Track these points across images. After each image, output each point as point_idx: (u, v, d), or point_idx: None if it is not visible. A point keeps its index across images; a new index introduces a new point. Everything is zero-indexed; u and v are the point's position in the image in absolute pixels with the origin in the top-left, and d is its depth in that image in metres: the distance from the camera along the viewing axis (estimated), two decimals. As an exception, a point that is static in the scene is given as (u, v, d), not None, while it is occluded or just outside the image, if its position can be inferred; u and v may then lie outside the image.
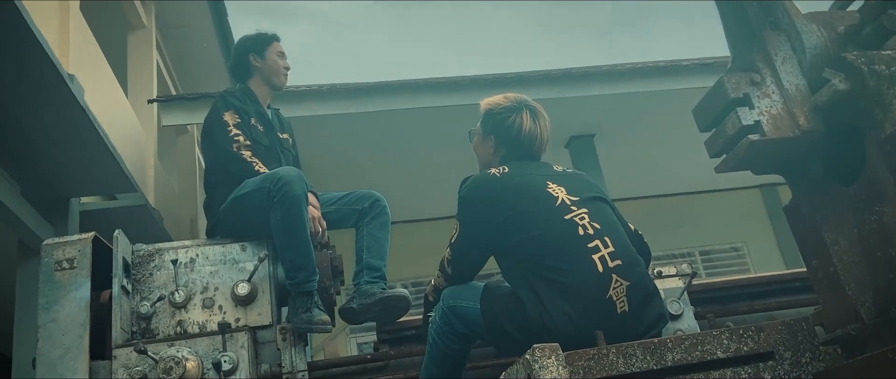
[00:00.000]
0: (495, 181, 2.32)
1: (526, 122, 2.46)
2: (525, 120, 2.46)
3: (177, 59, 8.00)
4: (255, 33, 3.37)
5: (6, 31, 3.13)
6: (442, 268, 2.44)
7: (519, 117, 2.46)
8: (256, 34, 3.36)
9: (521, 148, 2.46)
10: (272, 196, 2.61)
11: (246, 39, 3.37)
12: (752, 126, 1.66)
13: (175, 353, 2.25)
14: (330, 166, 6.96)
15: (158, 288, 2.53)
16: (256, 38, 3.35)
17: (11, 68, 3.38)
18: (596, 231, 2.16)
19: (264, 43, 3.32)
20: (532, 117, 2.48)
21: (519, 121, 2.45)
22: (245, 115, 3.09)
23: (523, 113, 2.47)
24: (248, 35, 3.38)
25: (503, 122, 2.47)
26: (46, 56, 3.34)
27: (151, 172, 6.20)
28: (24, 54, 3.29)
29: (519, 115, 2.46)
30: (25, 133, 3.88)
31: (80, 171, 4.36)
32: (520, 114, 2.47)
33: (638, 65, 7.11)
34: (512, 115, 2.47)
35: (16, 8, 3.00)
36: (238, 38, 3.43)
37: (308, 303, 2.54)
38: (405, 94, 6.32)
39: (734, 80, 1.70)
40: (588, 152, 7.41)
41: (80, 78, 4.51)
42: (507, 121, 2.47)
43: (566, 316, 2.01)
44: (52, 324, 2.26)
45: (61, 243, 2.38)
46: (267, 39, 3.33)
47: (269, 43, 3.33)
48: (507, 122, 2.47)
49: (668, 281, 2.76)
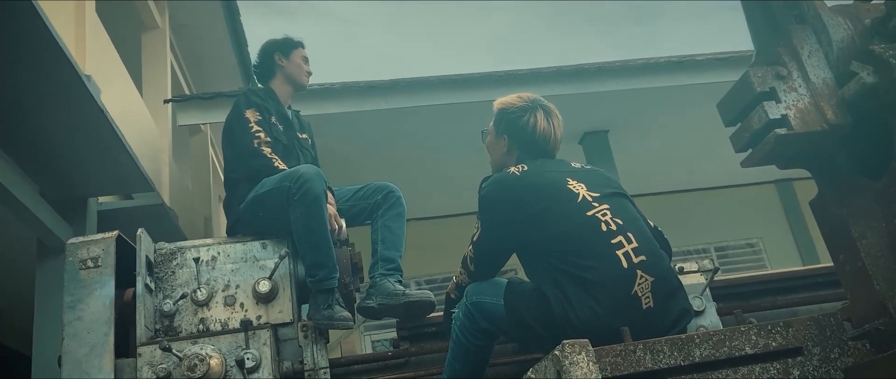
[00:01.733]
0: (515, 180, 2.32)
1: (540, 121, 2.46)
2: (539, 119, 2.47)
3: (190, 58, 8.03)
4: (282, 37, 3.48)
5: (25, 34, 3.15)
6: (464, 265, 2.44)
7: (533, 117, 2.47)
8: (284, 38, 3.47)
9: (536, 147, 2.46)
10: (292, 194, 2.63)
11: (273, 41, 3.47)
12: (778, 120, 1.64)
13: (198, 350, 2.26)
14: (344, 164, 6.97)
15: (181, 286, 2.55)
16: (283, 40, 3.46)
17: (30, 70, 3.40)
18: (618, 227, 2.15)
19: (291, 46, 3.43)
20: (546, 117, 2.48)
21: (533, 120, 2.46)
22: (266, 114, 3.14)
23: (537, 112, 2.48)
24: (276, 38, 3.48)
25: (517, 122, 2.48)
26: (64, 57, 3.36)
27: (166, 172, 6.23)
28: (42, 56, 3.31)
29: (533, 114, 2.47)
30: (43, 134, 3.90)
31: (98, 170, 4.39)
32: (534, 113, 2.47)
33: (651, 60, 7.08)
34: (526, 115, 2.47)
35: (34, 10, 3.01)
36: (265, 41, 3.52)
37: (329, 300, 2.54)
38: (419, 91, 6.32)
39: (760, 74, 1.69)
40: (602, 148, 7.39)
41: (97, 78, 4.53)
42: (520, 120, 2.47)
43: (591, 311, 2.01)
44: (77, 322, 2.28)
45: (86, 242, 2.39)
46: (293, 44, 3.45)
47: (295, 47, 3.44)
48: (521, 121, 2.47)
49: (689, 277, 2.74)
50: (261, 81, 3.44)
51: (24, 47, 3.25)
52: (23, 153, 3.99)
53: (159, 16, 6.94)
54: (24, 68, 3.39)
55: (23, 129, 3.83)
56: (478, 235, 2.37)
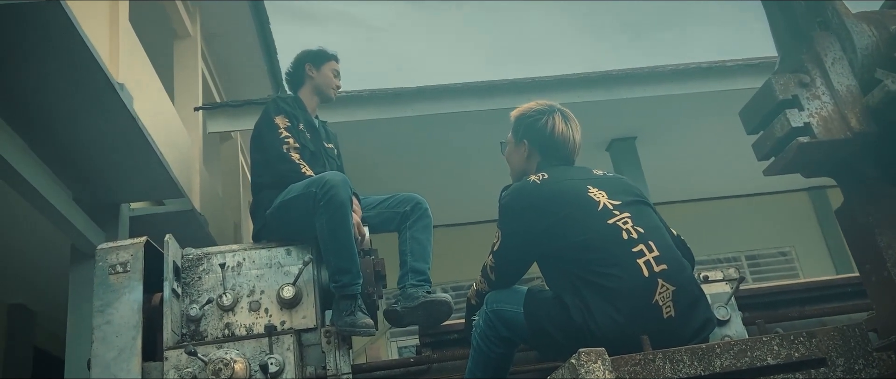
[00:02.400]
0: (536, 188, 2.32)
1: (558, 123, 2.48)
2: (557, 122, 2.49)
3: (220, 66, 8.16)
4: (317, 48, 3.53)
5: (60, 43, 3.23)
6: (484, 274, 2.45)
7: (551, 119, 2.49)
8: (318, 49, 3.53)
9: (556, 150, 2.47)
10: (318, 200, 2.66)
11: (307, 51, 3.53)
12: (801, 128, 1.63)
13: (223, 354, 2.29)
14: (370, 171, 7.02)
15: (207, 291, 2.59)
16: (317, 51, 3.52)
17: (65, 80, 3.49)
18: (640, 235, 2.14)
19: (323, 58, 3.49)
20: (564, 120, 2.50)
21: (551, 122, 2.48)
22: (295, 121, 3.20)
23: (555, 115, 2.50)
24: (311, 48, 3.54)
25: (535, 124, 2.50)
26: (97, 67, 3.44)
27: (197, 178, 6.33)
28: (76, 66, 3.40)
29: (550, 117, 2.50)
30: (78, 141, 4.00)
31: (130, 177, 4.48)
32: (551, 116, 2.50)
33: (680, 66, 7.01)
34: (544, 117, 2.50)
35: (69, 21, 3.09)
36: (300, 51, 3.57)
37: (352, 306, 2.57)
38: (445, 98, 6.34)
39: (782, 82, 1.68)
40: (629, 155, 7.34)
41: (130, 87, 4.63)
42: (539, 123, 2.49)
43: (611, 320, 2.00)
44: (106, 326, 2.33)
45: (115, 248, 2.45)
46: (327, 56, 3.50)
47: (327, 60, 3.49)
48: (539, 123, 2.49)
49: (714, 286, 2.72)
50: (291, 89, 3.51)
51: (59, 58, 3.34)
52: (58, 160, 4.09)
53: (191, 24, 7.06)
54: (59, 78, 3.48)
55: (58, 137, 3.92)
56: (498, 244, 2.38)
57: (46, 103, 3.64)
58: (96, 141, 4.04)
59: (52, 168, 4.08)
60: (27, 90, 3.51)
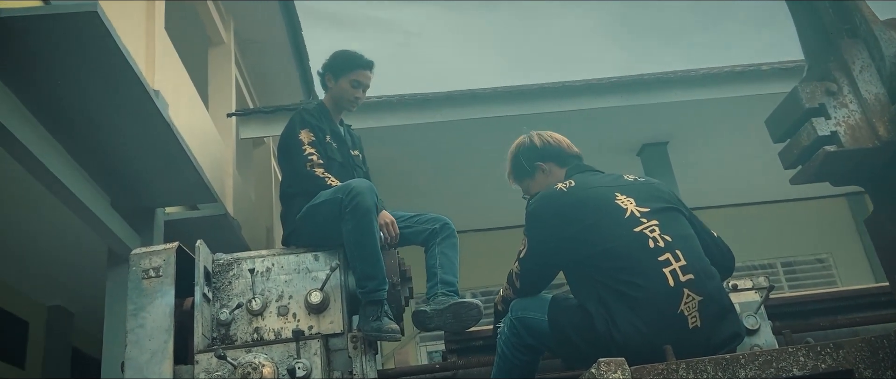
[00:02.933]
0: (562, 196, 2.33)
1: (537, 137, 2.65)
2: (535, 136, 2.66)
3: (254, 73, 8.28)
4: (346, 53, 3.40)
5: (97, 52, 3.31)
6: (510, 281, 2.46)
7: (528, 139, 2.68)
8: (346, 56, 3.39)
9: (561, 151, 2.59)
10: (344, 207, 2.69)
11: (334, 56, 3.41)
12: (828, 137, 1.61)
13: (252, 359, 2.33)
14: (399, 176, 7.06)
15: (237, 296, 2.63)
16: (344, 59, 3.39)
17: (102, 87, 3.57)
18: (667, 244, 2.12)
19: (346, 67, 3.36)
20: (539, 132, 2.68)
21: (529, 140, 2.67)
22: (320, 133, 3.19)
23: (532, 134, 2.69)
24: (340, 53, 3.41)
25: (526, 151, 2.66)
26: (134, 74, 3.51)
27: (230, 183, 6.43)
28: (113, 73, 3.48)
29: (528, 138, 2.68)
30: (115, 147, 4.09)
31: (165, 182, 4.56)
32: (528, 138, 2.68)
33: (713, 69, 6.93)
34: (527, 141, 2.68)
35: (106, 30, 3.17)
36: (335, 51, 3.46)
37: (378, 312, 2.60)
38: (474, 104, 6.36)
39: (809, 90, 1.66)
40: (661, 160, 7.27)
41: (165, 94, 4.73)
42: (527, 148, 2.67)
43: (635, 329, 1.99)
44: (139, 329, 2.38)
45: (148, 253, 2.51)
46: (350, 65, 3.36)
47: (350, 69, 3.35)
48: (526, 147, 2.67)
49: (743, 294, 2.69)
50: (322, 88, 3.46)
51: (96, 66, 3.42)
52: (96, 166, 4.18)
53: (225, 32, 7.19)
54: (97, 86, 3.57)
55: (96, 144, 4.02)
56: (524, 251, 2.38)
57: (85, 111, 3.73)
58: (132, 147, 4.12)
59: (91, 174, 4.18)
60: (67, 98, 3.60)
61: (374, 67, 3.42)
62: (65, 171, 3.79)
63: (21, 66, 3.30)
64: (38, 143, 3.54)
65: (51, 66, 3.37)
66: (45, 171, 3.62)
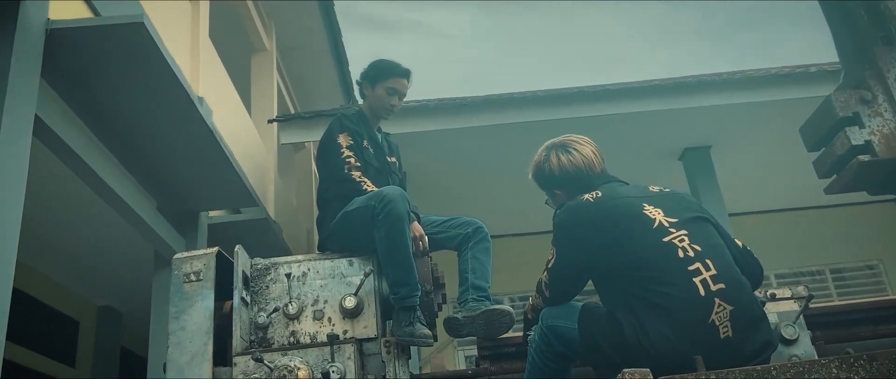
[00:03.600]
0: (589, 206, 2.32)
1: (555, 160, 2.54)
2: (554, 159, 2.55)
3: (294, 78, 8.42)
4: (383, 62, 3.46)
5: (144, 62, 3.42)
6: (540, 290, 2.47)
7: (548, 162, 2.56)
8: (383, 65, 3.45)
9: (578, 180, 2.49)
10: (376, 214, 2.73)
11: (372, 65, 3.48)
12: (862, 146, 1.59)
13: (288, 362, 2.38)
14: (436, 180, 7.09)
15: (274, 300, 2.69)
16: (380, 67, 3.45)
17: (148, 95, 3.68)
18: (697, 253, 2.11)
19: (382, 75, 3.42)
20: (560, 151, 2.55)
21: (549, 165, 2.56)
22: (358, 138, 3.26)
23: (551, 154, 2.56)
24: (377, 62, 3.48)
25: (544, 174, 2.58)
26: (179, 83, 3.62)
27: (272, 187, 6.55)
28: (158, 82, 3.58)
29: (547, 160, 2.57)
30: (161, 153, 4.20)
31: (208, 187, 4.67)
32: (548, 159, 2.57)
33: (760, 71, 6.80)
34: (545, 163, 2.57)
35: (152, 41, 3.27)
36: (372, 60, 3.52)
37: (411, 317, 2.63)
38: (510, 108, 6.36)
39: (843, 99, 1.64)
40: (704, 165, 7.16)
41: (209, 100, 4.85)
42: (545, 171, 2.57)
43: (665, 339, 1.98)
44: (180, 332, 2.45)
45: (189, 257, 2.58)
46: (387, 73, 3.42)
47: (386, 77, 3.41)
48: (546, 171, 2.57)
49: (782, 304, 2.64)
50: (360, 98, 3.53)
51: (143, 75, 3.52)
52: (143, 172, 4.31)
53: (267, 39, 7.33)
54: (143, 94, 3.68)
55: (143, 150, 4.14)
56: (553, 261, 2.39)
57: (132, 118, 3.85)
58: (177, 153, 4.24)
59: (138, 179, 4.31)
60: (115, 106, 3.72)
61: (410, 76, 3.48)
62: (113, 177, 3.91)
63: (72, 75, 3.42)
64: (88, 149, 3.66)
65: (100, 75, 3.48)
66: (94, 177, 3.75)
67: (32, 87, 2.98)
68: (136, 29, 3.23)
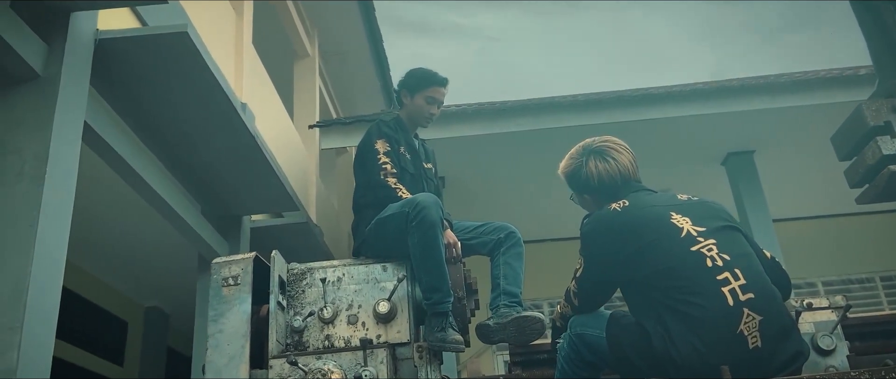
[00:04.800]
0: (616, 216, 2.32)
1: (593, 167, 2.48)
2: (592, 166, 2.48)
3: (336, 83, 8.54)
4: (421, 71, 3.56)
5: (188, 70, 3.51)
6: (568, 298, 2.47)
7: (585, 168, 2.50)
8: (421, 74, 3.55)
9: (612, 188, 2.45)
10: (410, 220, 2.78)
11: (410, 74, 3.58)
12: (893, 156, 1.57)
13: (321, 365, 2.43)
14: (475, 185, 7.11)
15: (309, 304, 2.75)
16: (419, 76, 3.55)
17: (193, 102, 3.78)
18: (725, 263, 2.09)
19: (421, 85, 3.52)
20: (598, 158, 2.49)
21: (585, 171, 2.49)
22: (395, 144, 3.32)
23: (589, 160, 2.50)
24: (415, 71, 3.57)
25: (578, 179, 2.52)
26: (222, 91, 3.71)
27: (314, 191, 6.65)
28: (203, 90, 3.67)
29: (584, 166, 2.50)
30: (205, 159, 4.31)
31: (251, 192, 4.77)
32: (585, 165, 2.50)
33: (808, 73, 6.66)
34: (581, 170, 2.51)
35: (196, 50, 3.37)
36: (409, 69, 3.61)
37: (443, 323, 2.66)
38: (549, 113, 6.35)
39: (874, 108, 1.62)
40: (747, 170, 7.05)
41: (252, 106, 4.96)
42: (580, 177, 2.51)
43: (693, 349, 1.97)
44: (219, 334, 2.52)
45: (228, 262, 2.65)
46: (425, 82, 3.52)
47: (425, 87, 3.51)
48: (581, 177, 2.51)
49: (819, 314, 2.60)
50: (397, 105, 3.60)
51: (188, 83, 3.62)
52: (188, 177, 4.43)
53: (310, 45, 7.45)
54: (188, 102, 3.78)
55: (188, 156, 4.26)
56: (581, 271, 2.39)
57: (177, 124, 3.96)
58: (221, 159, 4.34)
59: (183, 184, 4.43)
60: (161, 113, 3.84)
61: (448, 84, 3.54)
62: (159, 181, 4.03)
63: (120, 84, 3.54)
64: (136, 154, 3.78)
65: (146, 83, 3.59)
66: (141, 182, 3.87)
67: (82, 95, 3.09)
68: (180, 38, 3.33)
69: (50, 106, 2.83)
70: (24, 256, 2.58)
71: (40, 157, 2.75)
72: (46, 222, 2.69)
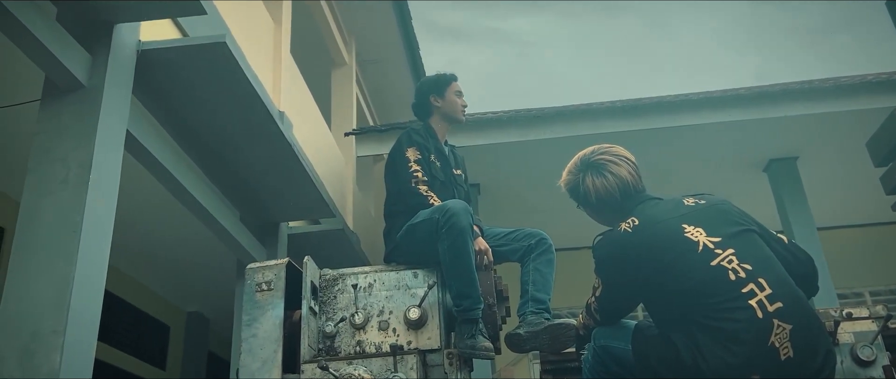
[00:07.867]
0: (627, 238, 2.23)
1: (591, 182, 2.40)
2: (589, 182, 2.41)
3: (373, 91, 8.62)
4: (434, 76, 3.68)
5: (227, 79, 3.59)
6: (589, 312, 2.44)
7: (583, 184, 2.43)
8: (436, 76, 3.67)
9: (613, 202, 2.37)
10: (440, 227, 2.79)
11: (427, 82, 3.68)
12: (930, 163, 1.52)
13: (352, 371, 2.46)
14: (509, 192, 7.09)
15: (341, 310, 2.78)
16: (437, 79, 3.65)
17: (232, 110, 3.86)
18: (748, 273, 2.03)
19: (444, 84, 3.62)
20: (595, 173, 2.40)
21: (583, 187, 2.42)
22: (426, 152, 3.35)
23: (586, 176, 2.43)
24: (429, 77, 3.70)
25: (578, 194, 2.46)
26: (260, 100, 3.78)
27: (350, 198, 6.72)
28: (241, 99, 3.74)
29: (582, 182, 2.43)
30: (244, 167, 4.40)
31: (288, 199, 4.84)
32: (583, 181, 2.43)
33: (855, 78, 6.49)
34: (579, 186, 2.44)
35: (235, 60, 3.44)
36: (419, 81, 3.73)
37: (473, 330, 2.66)
38: (584, 119, 6.31)
39: (910, 113, 1.58)
40: (790, 176, 6.90)
41: (290, 114, 5.04)
42: (580, 192, 2.45)
43: (724, 364, 1.92)
44: (252, 339, 2.57)
45: (261, 267, 2.70)
46: (446, 80, 3.63)
47: (448, 83, 3.62)
48: (581, 192, 2.45)
49: (859, 324, 2.54)
50: (419, 119, 3.66)
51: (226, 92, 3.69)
52: (227, 184, 4.52)
53: (347, 53, 7.55)
54: (227, 110, 3.86)
55: (227, 164, 4.34)
56: (600, 290, 2.36)
57: (217, 133, 4.04)
58: (259, 166, 4.42)
59: (222, 191, 4.52)
60: (201, 121, 3.92)
61: None
62: (199, 189, 4.11)
63: (161, 93, 3.64)
64: (176, 162, 3.87)
65: (187, 92, 3.68)
66: (181, 189, 3.95)
67: (125, 104, 3.18)
68: (219, 49, 3.41)
69: (94, 115, 2.92)
70: (68, 262, 2.66)
71: (84, 164, 2.83)
72: (90, 228, 2.77)
